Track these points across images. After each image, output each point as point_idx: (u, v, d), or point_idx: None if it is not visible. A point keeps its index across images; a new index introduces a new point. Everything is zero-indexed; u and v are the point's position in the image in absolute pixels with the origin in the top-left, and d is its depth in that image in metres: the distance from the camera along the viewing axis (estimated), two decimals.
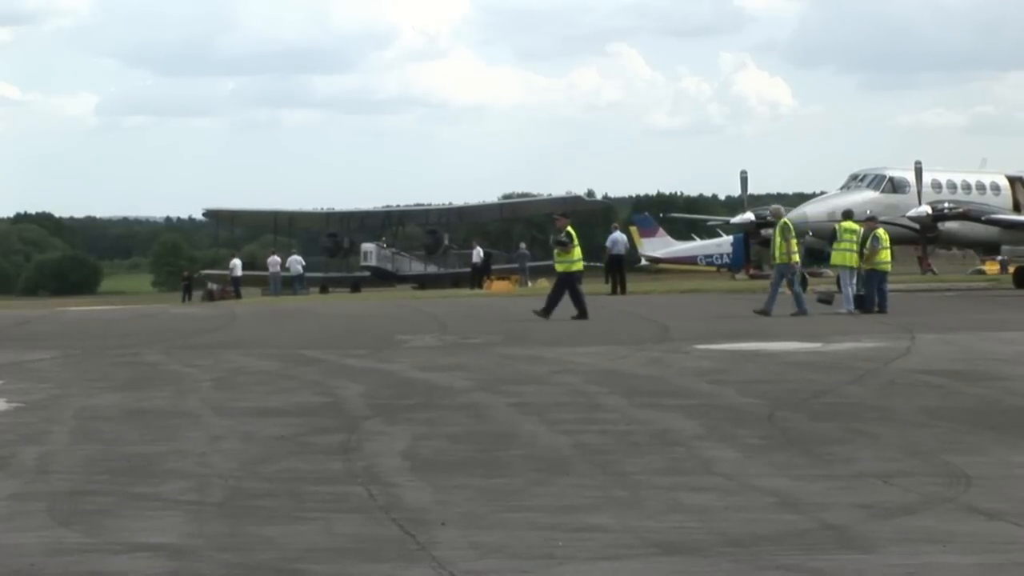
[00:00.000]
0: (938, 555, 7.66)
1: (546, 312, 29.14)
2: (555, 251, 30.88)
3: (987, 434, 12.08)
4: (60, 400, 15.75)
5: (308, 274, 69.83)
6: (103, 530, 8.59)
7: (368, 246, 77.43)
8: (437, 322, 29.52)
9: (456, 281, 72.89)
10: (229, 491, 9.89)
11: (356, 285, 74.16)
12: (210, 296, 63.72)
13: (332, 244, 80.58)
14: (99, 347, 23.99)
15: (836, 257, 32.22)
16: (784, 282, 30.37)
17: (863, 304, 30.61)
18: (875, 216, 33.84)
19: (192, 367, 19.53)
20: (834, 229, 33.17)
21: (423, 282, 74.82)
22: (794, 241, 30.64)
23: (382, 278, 76.69)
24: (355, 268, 78.15)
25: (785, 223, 30.80)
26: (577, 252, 30.40)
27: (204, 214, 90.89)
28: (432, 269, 79.07)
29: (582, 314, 29.07)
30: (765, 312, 28.96)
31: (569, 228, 30.62)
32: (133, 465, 11.06)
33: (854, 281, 31.28)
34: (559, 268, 30.60)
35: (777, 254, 30.52)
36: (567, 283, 30.05)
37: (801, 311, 29.18)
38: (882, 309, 30.38)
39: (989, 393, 15.14)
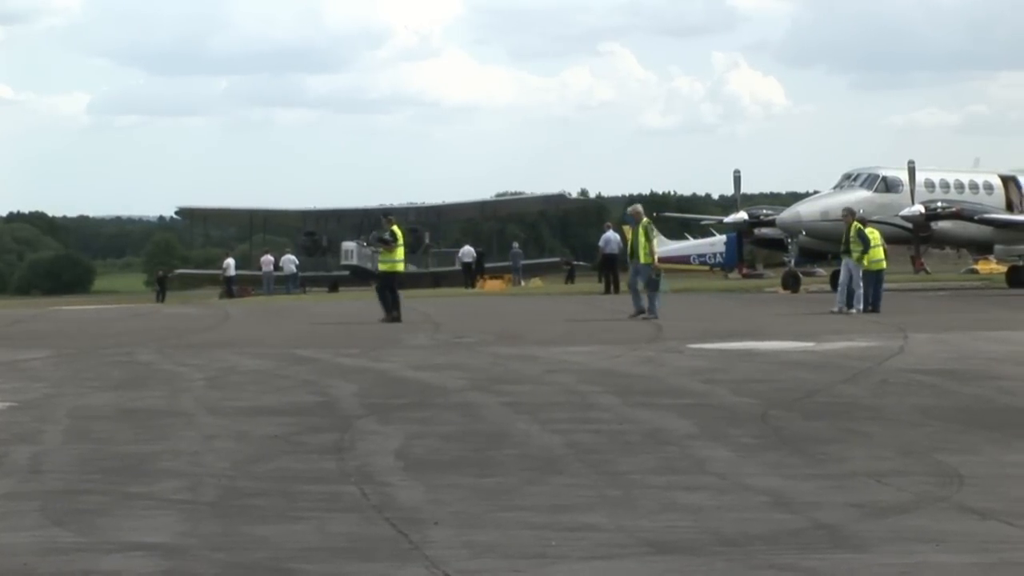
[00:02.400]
0: (931, 554, 7.67)
1: (388, 316, 28.59)
2: (379, 250, 30.34)
3: (980, 433, 12.09)
4: (53, 399, 15.73)
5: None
6: (96, 529, 8.58)
7: (349, 245, 76.24)
8: (430, 321, 29.50)
9: (437, 280, 72.12)
10: (222, 490, 9.89)
11: (334, 284, 73.52)
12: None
13: (310, 243, 79.73)
14: (92, 346, 23.95)
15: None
16: (640, 281, 29.34)
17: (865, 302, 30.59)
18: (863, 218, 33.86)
19: (185, 366, 19.50)
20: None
21: (402, 282, 73.69)
22: (655, 242, 30.45)
23: (361, 277, 75.88)
24: (333, 267, 77.06)
25: (648, 223, 30.28)
26: (400, 252, 29.74)
27: (177, 213, 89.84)
28: (412, 268, 78.17)
29: (392, 318, 28.49)
30: (639, 312, 28.43)
31: (395, 228, 29.80)
32: (126, 464, 11.06)
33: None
34: (382, 267, 30.17)
35: (642, 254, 29.35)
36: (388, 282, 29.53)
37: (652, 314, 28.34)
38: (875, 308, 30.43)
39: (982, 392, 15.16)
